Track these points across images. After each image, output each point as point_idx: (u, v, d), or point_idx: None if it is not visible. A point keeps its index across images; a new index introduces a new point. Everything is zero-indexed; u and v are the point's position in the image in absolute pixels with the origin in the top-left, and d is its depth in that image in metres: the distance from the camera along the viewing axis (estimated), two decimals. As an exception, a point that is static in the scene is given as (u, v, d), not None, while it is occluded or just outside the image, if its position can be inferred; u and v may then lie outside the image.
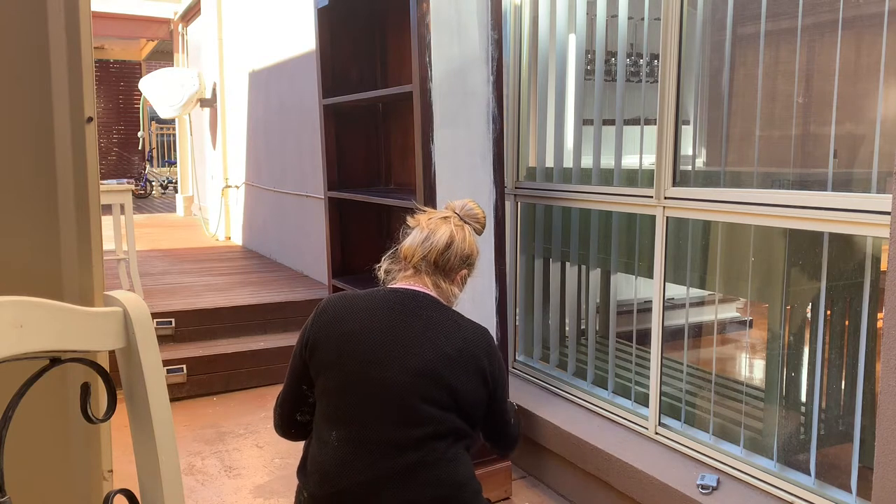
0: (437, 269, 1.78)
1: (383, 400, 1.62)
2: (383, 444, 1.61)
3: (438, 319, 1.71)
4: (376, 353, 1.64)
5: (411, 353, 1.64)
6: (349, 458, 1.62)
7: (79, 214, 1.07)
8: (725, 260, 2.56)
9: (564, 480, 3.02)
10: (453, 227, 1.79)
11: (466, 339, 1.70)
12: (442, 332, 1.68)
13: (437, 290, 1.78)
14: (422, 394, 1.61)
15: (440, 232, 1.78)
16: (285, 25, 6.18)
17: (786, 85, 2.35)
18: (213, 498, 3.08)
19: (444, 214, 1.83)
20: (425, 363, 1.63)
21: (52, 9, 1.02)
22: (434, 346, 1.65)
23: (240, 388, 4.43)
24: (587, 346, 3.21)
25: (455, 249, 1.77)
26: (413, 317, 1.69)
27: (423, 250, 1.77)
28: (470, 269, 1.86)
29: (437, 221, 1.81)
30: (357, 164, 3.65)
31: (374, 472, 1.60)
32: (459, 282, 1.84)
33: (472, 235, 1.83)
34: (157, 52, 13.60)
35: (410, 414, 1.61)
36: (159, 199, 14.63)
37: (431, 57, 2.66)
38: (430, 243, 1.77)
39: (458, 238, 1.78)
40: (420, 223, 1.82)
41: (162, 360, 1.06)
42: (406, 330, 1.67)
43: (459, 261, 1.79)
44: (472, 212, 1.85)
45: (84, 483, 1.13)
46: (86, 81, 1.06)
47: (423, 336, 1.66)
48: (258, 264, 6.62)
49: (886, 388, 1.70)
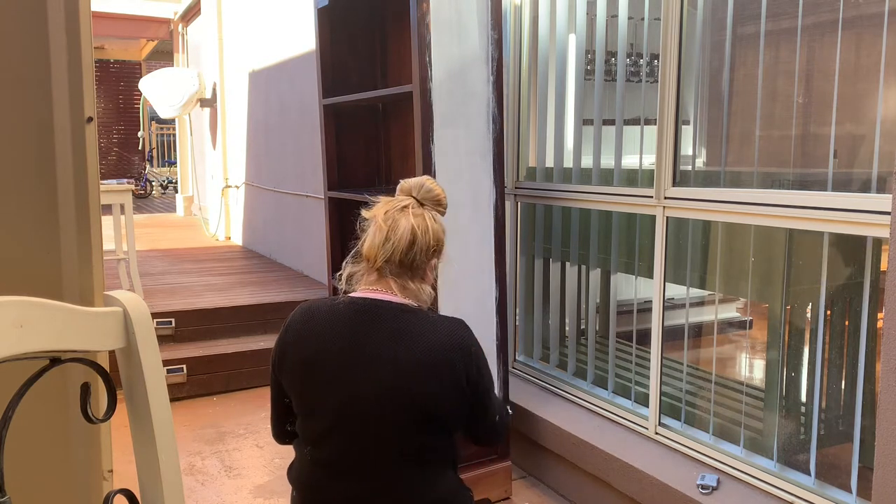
0: (404, 269, 1.63)
1: (351, 423, 1.56)
2: (355, 467, 1.57)
3: (400, 330, 1.58)
4: (337, 375, 1.57)
5: (373, 374, 1.55)
6: (323, 481, 1.60)
7: (79, 214, 1.07)
8: (725, 260, 2.56)
9: (564, 480, 3.02)
10: (413, 219, 1.62)
11: (433, 344, 1.56)
12: (405, 344, 1.56)
13: (405, 293, 1.64)
14: (391, 415, 1.54)
15: (401, 228, 1.61)
16: (285, 25, 6.18)
17: (786, 85, 2.35)
18: (213, 498, 3.08)
19: (402, 203, 1.65)
20: (388, 382, 1.54)
21: (52, 9, 1.02)
22: (395, 361, 1.55)
23: (240, 388, 4.43)
24: (587, 346, 3.21)
25: (419, 245, 1.62)
26: (373, 331, 1.57)
27: (385, 252, 1.61)
28: (438, 255, 1.71)
29: (395, 214, 1.63)
30: (357, 164, 3.65)
31: (349, 495, 1.58)
32: (429, 273, 1.70)
33: (434, 221, 1.67)
34: (157, 52, 13.60)
35: (380, 435, 1.55)
36: (159, 199, 14.63)
37: (431, 57, 2.66)
38: (391, 244, 1.61)
39: (421, 230, 1.62)
40: (377, 218, 1.64)
41: (162, 360, 1.06)
42: (366, 347, 1.57)
43: (426, 254, 1.64)
44: (430, 193, 1.68)
45: (84, 483, 1.13)
46: (86, 81, 1.06)
47: (385, 352, 1.56)
48: (258, 264, 6.62)
49: (886, 388, 1.70)
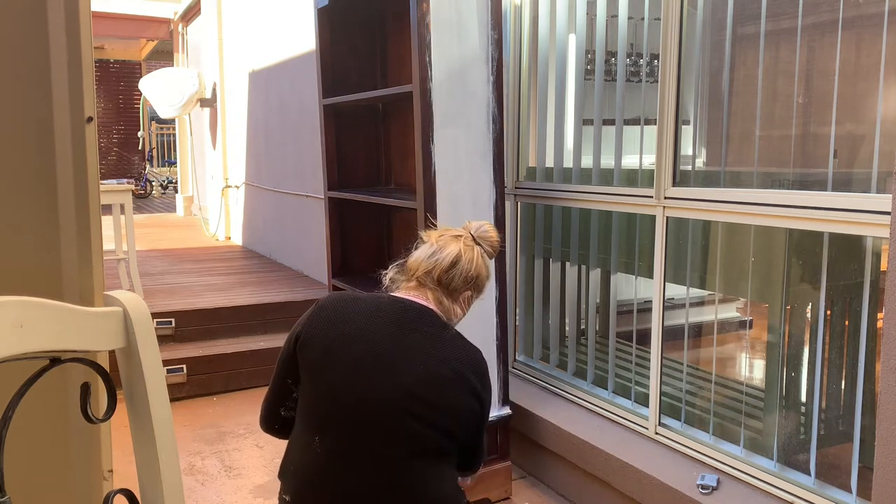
0: (441, 286, 1.74)
1: (368, 412, 1.59)
2: (368, 458, 1.60)
3: (435, 336, 1.67)
4: (367, 361, 1.62)
5: (401, 369, 1.60)
6: (336, 468, 1.61)
7: (79, 214, 1.07)
8: (725, 260, 2.56)
9: (564, 480, 3.02)
10: (462, 247, 1.75)
11: (464, 358, 1.66)
12: (437, 350, 1.65)
13: (440, 307, 1.74)
14: (408, 411, 1.58)
15: (448, 250, 1.75)
16: (285, 25, 6.18)
17: (786, 85, 2.35)
18: (213, 498, 3.08)
19: (457, 233, 1.80)
20: (414, 380, 1.59)
21: (52, 9, 1.02)
22: (426, 363, 1.62)
23: (240, 388, 4.43)
24: (587, 346, 3.21)
25: (460, 269, 1.73)
26: (410, 330, 1.65)
27: (427, 265, 1.74)
28: (476, 291, 1.81)
29: (448, 239, 1.77)
30: (357, 164, 3.65)
31: (358, 486, 1.60)
32: (463, 302, 1.79)
33: (482, 258, 1.78)
34: (157, 52, 13.60)
35: (394, 430, 1.58)
36: (159, 199, 14.63)
37: (431, 57, 2.66)
38: (435, 259, 1.74)
39: (466, 258, 1.74)
40: (431, 238, 1.80)
41: (162, 360, 1.06)
42: (401, 343, 1.63)
43: (463, 281, 1.75)
44: (486, 234, 1.81)
45: (84, 483, 1.13)
46: (86, 81, 1.06)
47: (417, 352, 1.63)
48: (258, 264, 6.62)
49: (886, 388, 1.70)
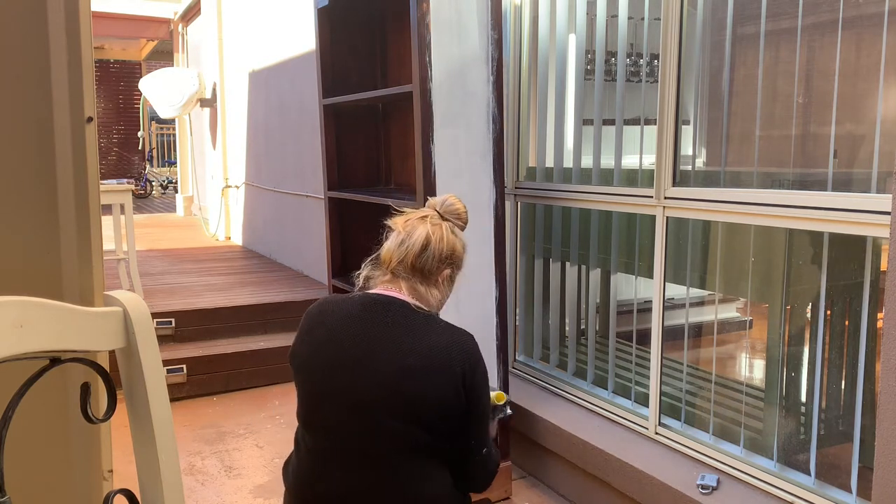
0: (416, 273, 1.71)
1: (349, 411, 1.60)
2: (351, 456, 1.61)
3: (406, 325, 1.64)
4: (341, 361, 1.62)
5: (373, 364, 1.60)
6: (319, 468, 1.63)
7: (79, 214, 1.07)
8: (725, 260, 2.56)
9: (564, 480, 3.02)
10: (430, 227, 1.71)
11: (435, 345, 1.61)
12: (407, 340, 1.61)
13: (415, 295, 1.71)
14: (386, 407, 1.58)
15: (416, 234, 1.70)
16: (285, 25, 6.18)
17: (786, 85, 2.35)
18: (213, 498, 3.08)
19: (423, 214, 1.75)
20: (386, 375, 1.58)
21: (52, 9, 1.02)
22: (396, 355, 1.60)
23: (240, 388, 4.43)
24: (587, 346, 3.21)
25: (432, 250, 1.69)
26: (379, 324, 1.64)
27: (399, 254, 1.70)
28: (454, 267, 1.77)
29: (414, 222, 1.73)
30: (357, 164, 3.65)
31: (344, 484, 1.61)
32: (442, 283, 1.75)
33: (452, 233, 1.74)
34: (157, 52, 13.60)
35: (375, 428, 1.58)
36: (159, 199, 14.63)
37: (431, 57, 2.66)
38: (405, 247, 1.70)
39: (436, 237, 1.70)
40: (397, 225, 1.74)
41: (162, 360, 1.06)
42: (371, 338, 1.62)
43: (438, 261, 1.71)
44: (451, 207, 1.77)
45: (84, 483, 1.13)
46: (86, 81, 1.06)
47: (387, 344, 1.61)
48: (258, 264, 6.62)
49: (886, 388, 1.70)
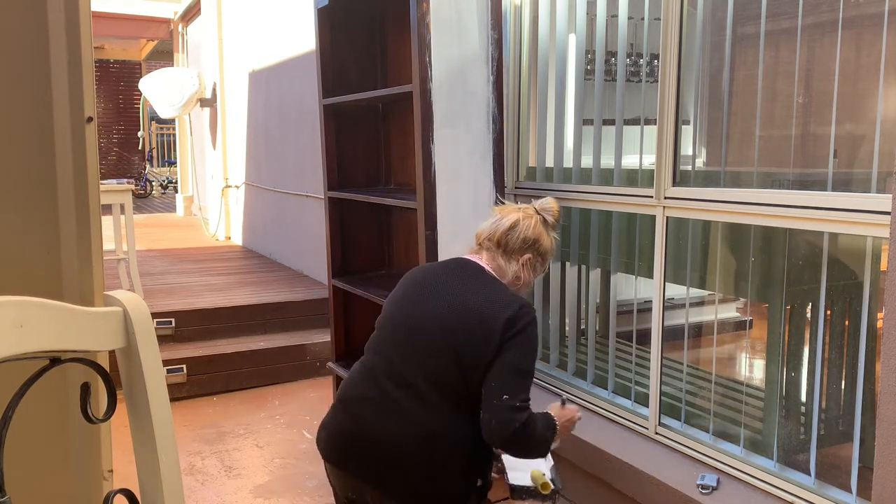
0: (499, 248, 1.94)
1: (406, 332, 1.85)
2: (385, 372, 1.83)
3: (475, 278, 1.87)
4: (413, 297, 1.90)
5: (437, 299, 1.84)
6: (363, 381, 1.88)
7: (79, 214, 1.07)
8: (725, 260, 2.56)
9: (564, 480, 3.02)
10: (522, 215, 1.97)
11: (489, 298, 1.80)
12: (472, 286, 1.84)
13: (493, 265, 1.94)
14: (435, 334, 1.79)
15: (508, 216, 1.97)
16: (285, 25, 6.18)
17: (786, 85, 2.35)
18: (213, 498, 3.08)
19: (522, 206, 2.03)
20: (445, 307, 1.81)
21: (52, 9, 1.02)
22: (459, 294, 1.82)
23: (240, 388, 4.43)
24: (587, 346, 3.21)
25: (518, 231, 1.93)
26: (453, 274, 1.90)
27: (489, 231, 1.97)
28: (537, 255, 1.97)
29: (510, 209, 2.00)
30: (357, 164, 3.65)
31: (366, 392, 1.85)
32: (523, 265, 1.95)
33: (542, 226, 1.97)
34: (157, 52, 13.60)
35: (422, 353, 1.79)
36: (159, 199, 14.63)
37: (431, 57, 2.65)
38: (495, 225, 1.96)
39: (525, 223, 1.94)
40: (496, 211, 2.03)
41: (162, 360, 1.06)
42: (442, 282, 1.88)
43: (521, 242, 1.94)
44: (546, 204, 2.02)
45: (84, 483, 1.13)
46: (86, 81, 1.06)
47: (454, 287, 1.85)
48: (258, 264, 6.62)
49: (886, 388, 1.70)
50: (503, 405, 1.71)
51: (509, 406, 1.71)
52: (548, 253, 2.00)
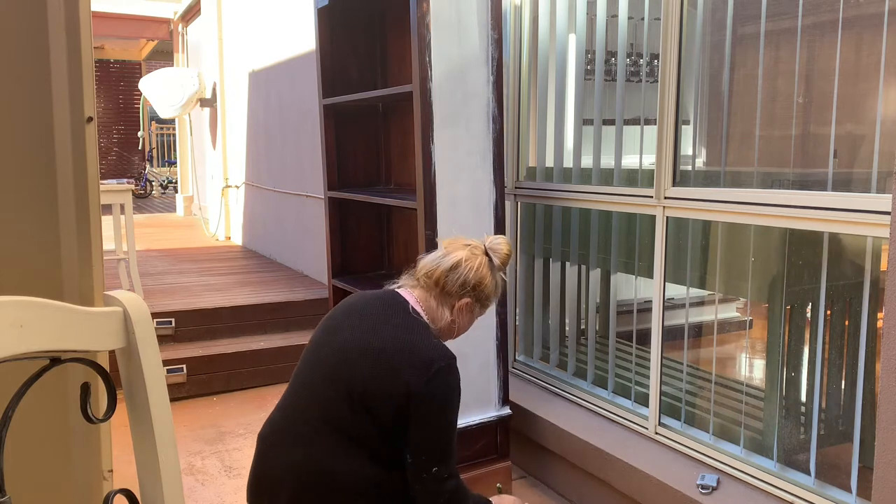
0: (437, 287, 1.77)
1: (320, 373, 1.72)
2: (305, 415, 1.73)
3: (394, 319, 1.70)
4: (329, 332, 1.76)
5: (349, 338, 1.69)
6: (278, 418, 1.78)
7: (79, 214, 1.07)
8: (725, 260, 2.56)
9: (564, 480, 3.02)
10: (468, 253, 1.78)
11: (401, 347, 1.64)
12: (387, 329, 1.67)
13: (425, 305, 1.77)
14: (339, 386, 1.66)
15: (453, 254, 1.78)
16: (285, 25, 6.18)
17: (786, 85, 2.35)
18: (213, 498, 3.08)
19: (469, 242, 1.83)
20: (352, 349, 1.67)
21: (52, 9, 1.02)
22: (370, 336, 1.67)
23: (240, 388, 4.43)
24: (587, 346, 3.21)
25: (459, 273, 1.76)
26: (373, 311, 1.74)
27: (429, 267, 1.79)
28: (477, 301, 1.80)
29: (458, 245, 1.82)
30: (357, 164, 3.65)
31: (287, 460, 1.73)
32: (459, 310, 1.79)
33: (488, 269, 1.79)
34: (157, 52, 13.60)
35: (329, 396, 1.68)
36: (159, 199, 14.63)
37: (431, 57, 2.66)
38: (437, 263, 1.78)
39: (468, 265, 1.76)
40: (443, 244, 1.85)
41: (162, 360, 1.07)
42: (360, 320, 1.72)
43: (461, 286, 1.76)
44: (497, 245, 1.83)
45: (84, 483, 1.13)
46: (86, 81, 1.06)
47: (370, 326, 1.69)
48: (258, 264, 6.62)
49: (886, 388, 1.70)
50: (430, 477, 1.67)
51: (436, 478, 1.67)
52: (489, 298, 1.84)
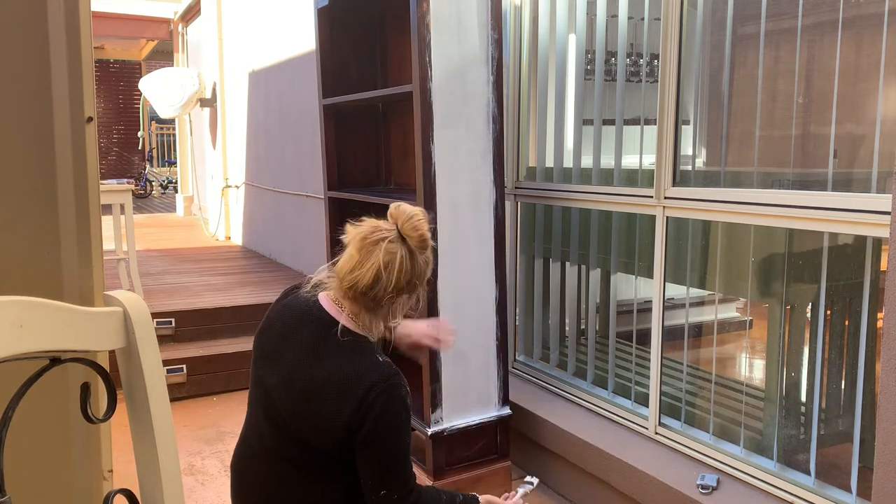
0: (366, 300, 1.60)
1: (257, 409, 1.73)
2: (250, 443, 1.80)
3: (323, 345, 1.61)
4: (264, 359, 1.71)
5: (280, 372, 1.64)
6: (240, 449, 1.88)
7: (79, 214, 1.07)
8: (725, 260, 2.56)
9: (564, 480, 3.02)
10: (382, 256, 1.55)
11: (333, 374, 1.57)
12: (314, 359, 1.60)
13: (356, 320, 1.63)
14: (277, 415, 1.65)
15: (367, 263, 1.56)
16: (285, 25, 6.18)
17: (786, 85, 2.35)
18: (213, 498, 3.08)
19: (381, 235, 1.58)
20: (284, 387, 1.62)
21: (52, 9, 1.02)
22: (296, 370, 1.61)
23: (240, 388, 4.42)
24: (587, 346, 3.21)
25: (383, 284, 1.56)
26: (302, 335, 1.64)
27: (350, 280, 1.58)
28: (410, 293, 1.64)
29: (369, 246, 1.57)
30: (357, 164, 3.65)
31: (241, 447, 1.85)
32: (393, 312, 1.66)
33: (409, 259, 1.58)
34: (157, 52, 13.60)
35: (268, 430, 1.70)
36: (159, 199, 14.62)
37: (431, 57, 2.65)
38: (355, 276, 1.57)
39: (388, 269, 1.55)
40: (353, 243, 1.59)
41: (162, 360, 1.07)
42: (288, 344, 1.65)
43: (389, 293, 1.58)
44: (415, 231, 1.59)
45: (84, 483, 1.13)
46: (86, 81, 1.06)
47: (295, 358, 1.62)
48: (258, 264, 6.62)
49: (886, 388, 1.70)
50: (385, 499, 1.62)
51: (391, 500, 1.62)
52: (424, 277, 1.64)
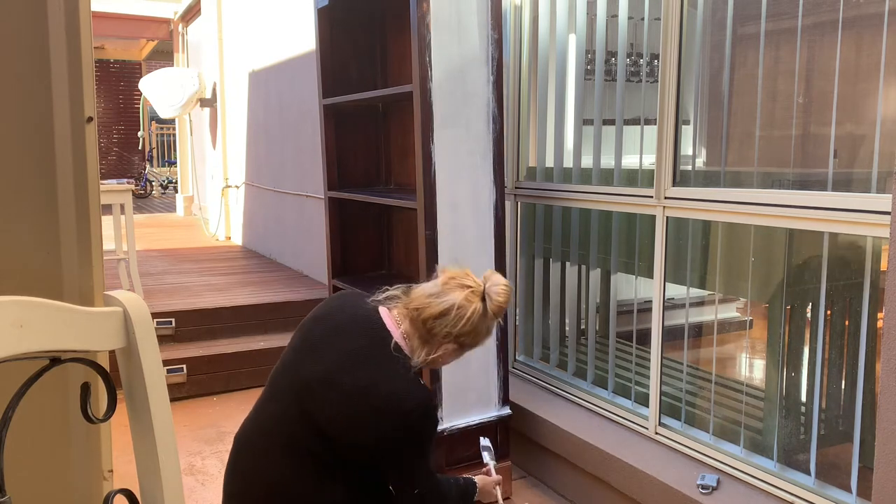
0: (423, 328, 1.70)
1: (289, 388, 1.75)
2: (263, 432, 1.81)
3: (370, 357, 1.68)
4: (306, 348, 1.77)
5: (319, 364, 1.69)
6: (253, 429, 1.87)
7: (79, 214, 1.07)
8: (725, 260, 2.56)
9: (564, 480, 3.02)
10: (462, 299, 1.68)
11: (376, 390, 1.63)
12: (359, 370, 1.66)
13: (409, 342, 1.72)
14: (308, 413, 1.68)
15: (447, 297, 1.69)
16: (285, 25, 6.18)
17: (786, 85, 2.35)
18: (213, 498, 3.08)
19: (469, 282, 1.72)
20: (320, 377, 1.67)
21: (52, 9, 1.02)
22: (340, 366, 1.66)
23: (240, 388, 4.42)
24: (587, 346, 3.21)
25: (448, 321, 1.67)
26: (352, 342, 1.71)
27: (421, 302, 1.71)
28: (460, 347, 1.74)
29: (454, 286, 1.71)
30: (357, 164, 3.65)
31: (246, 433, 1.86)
32: (439, 354, 1.73)
33: (480, 316, 1.70)
34: (157, 52, 13.60)
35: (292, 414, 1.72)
36: (159, 199, 14.62)
37: (431, 57, 2.66)
38: (429, 302, 1.70)
39: (460, 313, 1.67)
40: (443, 277, 1.75)
41: (162, 360, 1.07)
42: (335, 346, 1.71)
43: (446, 334, 1.69)
44: (497, 296, 1.70)
45: (84, 483, 1.13)
46: (86, 81, 1.06)
47: (341, 355, 1.68)
48: (258, 264, 6.62)
49: (886, 388, 1.70)
50: (414, 498, 1.73)
51: (411, 497, 1.73)
52: (473, 346, 1.76)
